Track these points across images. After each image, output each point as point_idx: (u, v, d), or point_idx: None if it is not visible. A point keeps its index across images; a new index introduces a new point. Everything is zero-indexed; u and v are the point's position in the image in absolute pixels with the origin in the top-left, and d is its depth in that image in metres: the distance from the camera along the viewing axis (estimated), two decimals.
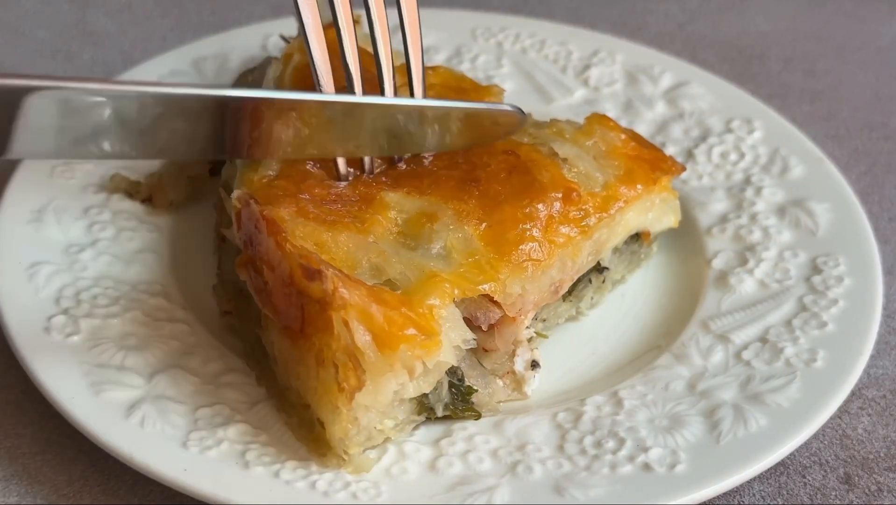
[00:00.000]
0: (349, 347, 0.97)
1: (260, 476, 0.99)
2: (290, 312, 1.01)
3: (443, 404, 1.06)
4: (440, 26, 1.47)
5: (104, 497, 1.05)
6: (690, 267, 1.23)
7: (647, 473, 1.01)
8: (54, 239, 1.19)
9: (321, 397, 1.00)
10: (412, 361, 0.99)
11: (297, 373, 1.03)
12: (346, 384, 0.97)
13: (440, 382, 1.04)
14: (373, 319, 0.98)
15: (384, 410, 1.01)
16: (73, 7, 1.69)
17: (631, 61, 1.46)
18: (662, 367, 1.11)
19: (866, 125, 1.52)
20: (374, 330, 0.98)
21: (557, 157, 1.14)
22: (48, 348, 1.08)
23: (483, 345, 1.07)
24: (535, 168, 1.13)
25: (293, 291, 1.00)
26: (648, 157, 1.19)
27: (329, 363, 0.98)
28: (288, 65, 1.24)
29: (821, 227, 1.24)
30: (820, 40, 1.68)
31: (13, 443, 1.09)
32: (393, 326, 0.98)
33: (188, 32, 1.63)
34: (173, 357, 1.10)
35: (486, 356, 1.08)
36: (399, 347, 0.98)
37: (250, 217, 1.05)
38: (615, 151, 1.18)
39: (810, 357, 1.10)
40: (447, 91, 1.22)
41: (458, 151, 1.14)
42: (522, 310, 1.09)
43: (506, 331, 1.08)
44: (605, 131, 1.20)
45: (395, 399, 1.01)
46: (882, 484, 1.08)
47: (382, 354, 0.98)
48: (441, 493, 0.99)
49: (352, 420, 0.99)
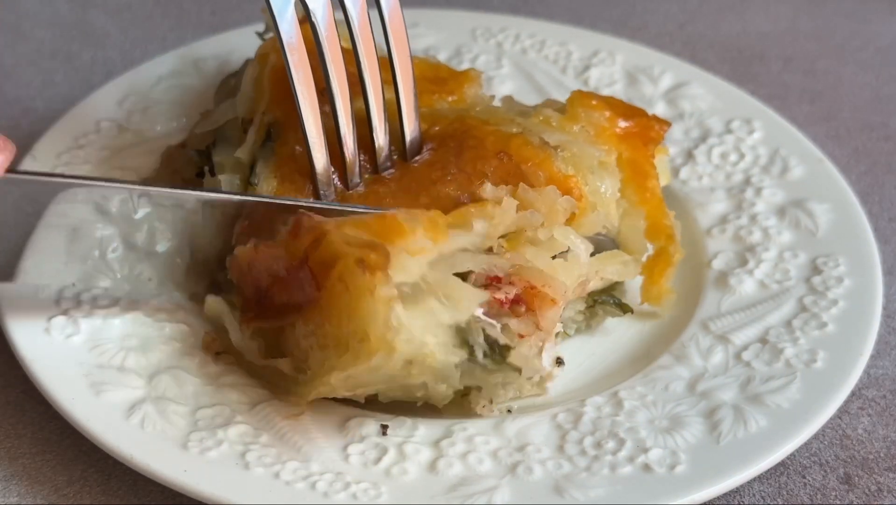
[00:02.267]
0: (359, 242, 0.98)
1: (260, 477, 0.99)
2: (306, 285, 1.01)
3: (482, 350, 1.04)
4: (440, 26, 1.47)
5: (104, 497, 1.05)
6: (690, 267, 1.23)
7: (648, 473, 1.01)
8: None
9: (357, 307, 0.97)
10: (422, 241, 1.00)
11: (326, 325, 1.00)
12: (373, 264, 0.97)
13: (474, 324, 1.03)
14: (366, 223, 1.00)
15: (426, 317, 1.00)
16: (73, 7, 1.69)
17: (631, 62, 1.46)
18: (662, 367, 1.11)
19: (866, 125, 1.52)
20: (370, 229, 0.99)
21: (549, 147, 1.13)
22: (48, 348, 1.08)
23: (519, 330, 1.05)
24: (531, 171, 1.11)
25: (297, 266, 1.00)
26: (636, 131, 1.18)
27: (351, 269, 0.97)
28: (265, 66, 1.21)
29: (821, 227, 1.24)
30: (820, 40, 1.68)
31: (13, 443, 1.09)
32: (387, 218, 1.01)
33: (188, 32, 1.63)
34: (174, 358, 1.10)
35: (518, 343, 1.05)
36: (402, 228, 0.99)
37: (241, 267, 1.06)
38: (604, 134, 1.17)
39: (810, 358, 1.10)
40: (425, 82, 1.20)
41: (449, 157, 1.12)
42: (563, 296, 1.07)
43: (548, 313, 1.05)
44: (590, 112, 1.18)
45: (442, 316, 1.01)
46: (882, 484, 1.08)
47: (392, 243, 0.99)
48: (441, 493, 0.99)
49: (390, 298, 0.97)
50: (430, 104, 1.19)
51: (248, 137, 1.17)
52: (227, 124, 1.21)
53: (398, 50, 1.13)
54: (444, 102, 1.20)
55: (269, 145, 1.15)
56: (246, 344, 1.07)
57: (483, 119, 1.16)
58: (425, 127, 1.15)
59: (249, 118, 1.19)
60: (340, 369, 0.99)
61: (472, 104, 1.20)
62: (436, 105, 1.19)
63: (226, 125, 1.21)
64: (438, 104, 1.19)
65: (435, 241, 1.02)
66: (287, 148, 1.14)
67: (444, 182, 1.11)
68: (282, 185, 1.12)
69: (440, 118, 1.16)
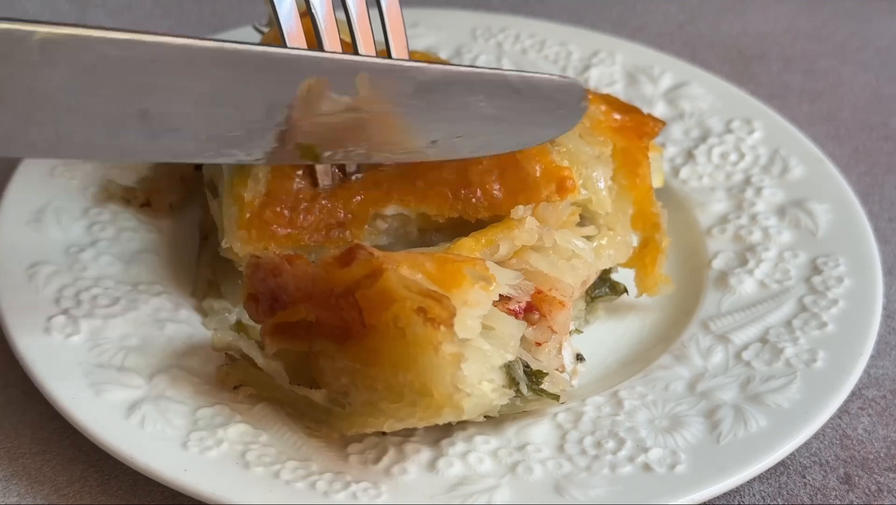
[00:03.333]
0: (420, 289, 0.94)
1: (260, 476, 0.99)
2: (347, 316, 0.97)
3: (525, 383, 1.03)
4: (440, 26, 1.47)
5: (104, 497, 1.05)
6: (690, 267, 1.23)
7: (648, 473, 1.01)
8: (54, 239, 1.19)
9: (416, 359, 0.95)
10: (479, 293, 0.97)
11: (374, 367, 0.98)
12: (437, 318, 0.94)
13: (516, 359, 1.02)
14: (424, 267, 0.96)
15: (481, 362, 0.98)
16: (73, 7, 1.69)
17: (631, 61, 1.46)
18: (662, 367, 1.11)
19: (866, 125, 1.52)
20: (430, 275, 0.95)
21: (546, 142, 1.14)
22: (48, 348, 1.08)
23: (535, 338, 1.05)
24: (526, 160, 1.12)
25: (339, 294, 0.97)
26: (631, 125, 1.19)
27: (409, 316, 0.94)
28: None
29: (821, 227, 1.24)
30: (820, 40, 1.68)
31: (13, 443, 1.09)
32: (447, 264, 0.97)
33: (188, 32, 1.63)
34: (174, 357, 1.09)
35: (537, 351, 1.05)
36: (463, 279, 0.96)
37: (265, 271, 1.02)
38: (599, 126, 1.18)
39: (810, 357, 1.10)
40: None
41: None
42: (571, 298, 1.07)
43: (559, 316, 1.05)
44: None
45: (494, 359, 0.99)
46: (882, 484, 1.08)
47: (449, 292, 0.95)
48: (441, 493, 0.99)
49: (456, 357, 0.95)
50: None
51: None
52: None
53: (395, 42, 1.13)
54: None
55: None
56: (272, 366, 1.04)
57: None
58: None
59: None
60: (396, 419, 0.97)
61: None
62: None
63: None
64: None
65: (487, 292, 0.99)
66: None
67: (440, 168, 1.12)
68: (276, 169, 1.11)
69: None
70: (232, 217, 1.12)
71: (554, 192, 1.12)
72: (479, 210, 1.12)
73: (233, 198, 1.12)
